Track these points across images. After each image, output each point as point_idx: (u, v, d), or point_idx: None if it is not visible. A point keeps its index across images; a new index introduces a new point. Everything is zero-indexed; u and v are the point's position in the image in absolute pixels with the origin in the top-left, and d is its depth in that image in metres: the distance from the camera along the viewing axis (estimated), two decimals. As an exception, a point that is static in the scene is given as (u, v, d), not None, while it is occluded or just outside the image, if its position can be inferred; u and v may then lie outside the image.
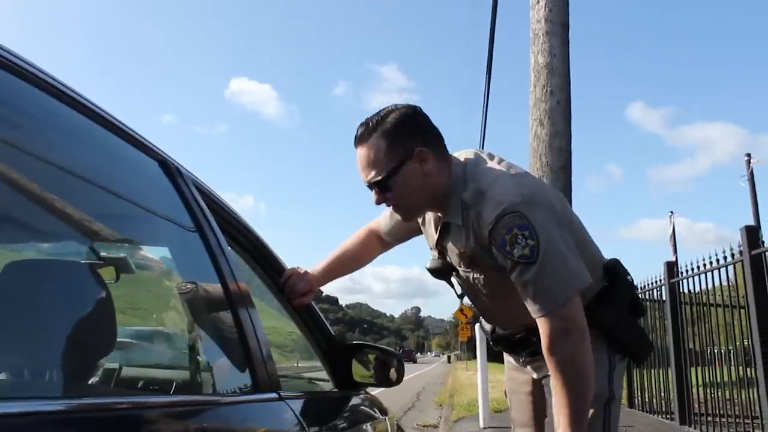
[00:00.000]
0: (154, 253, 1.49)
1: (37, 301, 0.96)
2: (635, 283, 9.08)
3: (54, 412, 0.74)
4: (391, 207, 1.90)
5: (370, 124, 1.79)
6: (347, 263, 2.21)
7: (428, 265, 2.01)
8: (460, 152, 1.92)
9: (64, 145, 1.10)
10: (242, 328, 1.36)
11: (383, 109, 1.84)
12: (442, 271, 1.99)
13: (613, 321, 1.89)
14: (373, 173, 1.78)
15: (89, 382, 1.20)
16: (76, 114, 1.07)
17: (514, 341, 2.04)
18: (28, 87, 0.95)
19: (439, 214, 1.91)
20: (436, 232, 1.95)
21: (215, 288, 1.39)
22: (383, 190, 1.81)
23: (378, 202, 1.86)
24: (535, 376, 2.08)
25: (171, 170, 1.36)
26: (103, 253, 1.32)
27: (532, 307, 1.72)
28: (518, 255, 1.67)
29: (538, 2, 5.27)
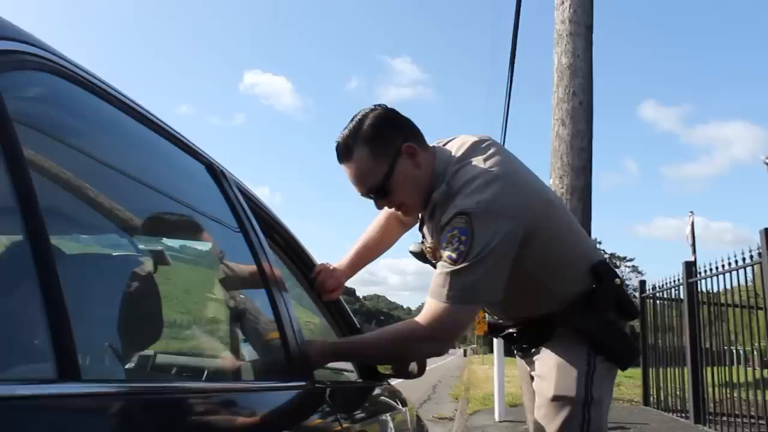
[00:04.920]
0: (198, 247, 1.60)
1: (99, 290, 1.08)
2: (653, 281, 9.10)
3: (99, 395, 0.77)
4: (394, 209, 1.91)
5: (348, 136, 1.79)
6: (371, 251, 2.27)
7: (410, 248, 2.09)
8: (460, 138, 1.93)
9: (124, 150, 1.21)
10: (280, 319, 1.46)
11: (353, 117, 1.83)
12: (421, 255, 2.06)
13: (593, 324, 1.87)
14: (369, 183, 1.80)
15: (141, 367, 1.31)
16: (133, 122, 1.18)
17: (504, 335, 2.10)
18: (98, 101, 1.05)
19: None
20: (418, 220, 2.01)
21: (255, 280, 1.50)
22: (383, 195, 1.83)
23: (380, 208, 1.90)
24: (531, 373, 2.07)
25: (216, 173, 1.47)
26: (142, 246, 1.42)
27: (431, 285, 1.74)
28: (446, 254, 1.70)
29: (563, 3, 5.30)
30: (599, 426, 1.83)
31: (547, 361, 1.88)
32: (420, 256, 2.07)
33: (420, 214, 1.97)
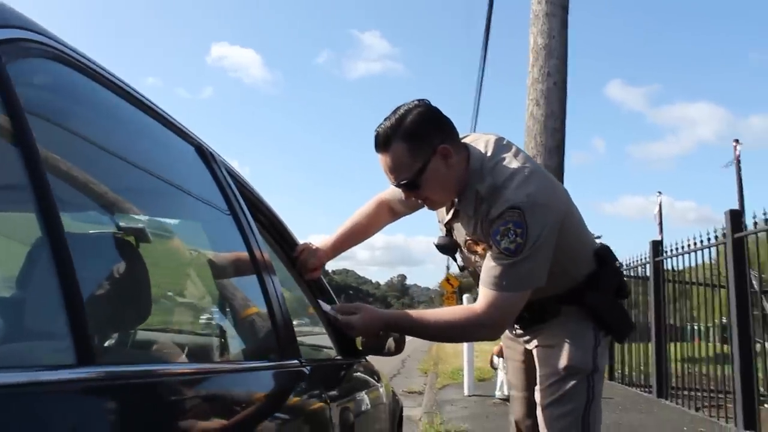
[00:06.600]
0: (187, 227, 1.61)
1: (91, 268, 1.09)
2: (620, 260, 9.28)
3: (89, 379, 0.77)
4: (420, 201, 1.99)
5: (390, 129, 1.84)
6: (356, 236, 2.32)
7: (436, 242, 2.15)
8: (480, 137, 2.01)
9: (119, 133, 1.22)
10: (268, 299, 1.49)
11: (397, 110, 1.88)
12: (448, 248, 2.13)
13: (600, 302, 2.04)
14: (402, 175, 1.87)
15: (126, 348, 1.33)
16: (128, 105, 1.19)
17: None
18: (95, 85, 1.06)
19: (455, 199, 2.00)
20: (448, 214, 2.06)
21: (242, 260, 1.53)
22: (413, 188, 1.90)
23: (407, 198, 1.96)
24: (527, 347, 2.22)
25: (206, 155, 1.49)
26: (122, 223, 1.43)
27: (484, 276, 1.89)
28: (503, 247, 1.80)
29: (539, -17, 5.29)
30: (600, 390, 2.07)
31: (557, 334, 2.05)
32: (445, 249, 2.14)
33: (453, 209, 2.03)
